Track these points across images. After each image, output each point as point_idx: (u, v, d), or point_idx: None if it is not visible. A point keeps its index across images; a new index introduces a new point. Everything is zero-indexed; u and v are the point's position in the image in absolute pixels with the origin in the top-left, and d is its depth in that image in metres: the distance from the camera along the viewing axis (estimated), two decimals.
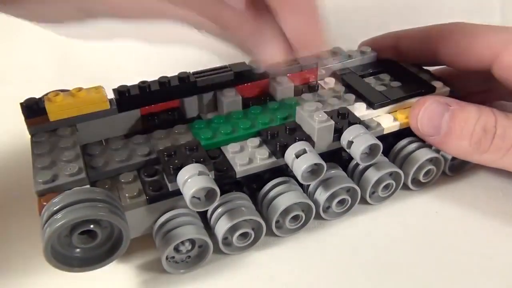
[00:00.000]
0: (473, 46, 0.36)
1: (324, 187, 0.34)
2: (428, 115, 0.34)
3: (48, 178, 0.28)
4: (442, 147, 0.35)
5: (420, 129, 0.35)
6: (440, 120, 0.34)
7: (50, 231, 0.25)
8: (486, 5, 0.64)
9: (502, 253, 0.33)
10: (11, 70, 0.57)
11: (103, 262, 0.28)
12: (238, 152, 0.33)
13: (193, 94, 0.36)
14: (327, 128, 0.33)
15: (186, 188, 0.28)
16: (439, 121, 0.34)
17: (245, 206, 0.32)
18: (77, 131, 0.33)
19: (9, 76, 0.56)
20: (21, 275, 0.32)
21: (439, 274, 0.32)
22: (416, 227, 0.35)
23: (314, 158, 0.31)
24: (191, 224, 0.31)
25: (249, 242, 0.33)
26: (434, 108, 0.34)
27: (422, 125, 0.34)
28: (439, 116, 0.34)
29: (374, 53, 0.42)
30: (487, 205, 0.37)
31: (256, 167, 0.32)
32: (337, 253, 0.33)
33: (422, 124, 0.34)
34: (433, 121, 0.34)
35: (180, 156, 0.31)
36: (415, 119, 0.35)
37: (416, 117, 0.35)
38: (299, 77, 0.39)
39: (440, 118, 0.34)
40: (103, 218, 0.26)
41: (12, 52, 0.61)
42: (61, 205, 0.26)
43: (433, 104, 0.34)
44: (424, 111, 0.34)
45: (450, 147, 0.34)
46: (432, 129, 0.34)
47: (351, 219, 0.36)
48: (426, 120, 0.34)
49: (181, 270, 0.31)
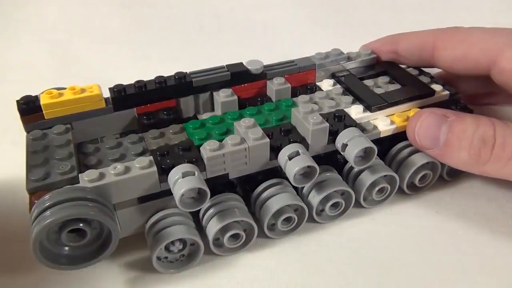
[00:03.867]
0: (470, 52, 0.36)
1: (318, 189, 0.33)
2: (425, 127, 0.33)
3: (40, 176, 0.28)
4: (441, 160, 0.34)
5: (418, 142, 0.34)
6: (438, 132, 0.33)
7: (39, 228, 0.25)
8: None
9: (502, 253, 0.33)
10: (10, 69, 0.58)
11: (91, 260, 0.28)
12: None
13: (189, 94, 0.36)
14: (322, 130, 0.33)
15: (176, 188, 0.28)
16: (437, 133, 0.33)
17: (238, 207, 0.32)
18: (72, 129, 0.33)
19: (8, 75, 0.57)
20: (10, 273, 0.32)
21: (439, 274, 0.31)
22: (416, 227, 0.35)
23: (306, 160, 0.31)
24: (182, 224, 0.31)
25: (240, 244, 0.32)
26: (431, 121, 0.33)
27: (420, 138, 0.34)
28: (437, 128, 0.33)
29: (373, 55, 0.42)
30: (486, 205, 0.36)
31: (249, 168, 0.32)
32: (336, 253, 0.33)
33: (420, 137, 0.34)
34: (431, 133, 0.33)
35: (172, 156, 0.31)
36: (412, 132, 0.34)
37: (413, 130, 0.34)
38: (296, 78, 0.39)
39: (438, 130, 0.33)
40: (92, 217, 0.26)
41: (11, 52, 0.62)
42: (50, 202, 0.26)
43: (430, 116, 0.33)
44: (421, 124, 0.34)
45: (450, 159, 0.33)
46: (430, 141, 0.33)
47: (350, 219, 0.35)
48: (423, 133, 0.34)
49: (171, 270, 0.31)
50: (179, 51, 0.61)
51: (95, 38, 0.65)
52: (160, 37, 0.65)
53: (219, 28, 0.67)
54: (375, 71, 0.41)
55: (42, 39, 0.63)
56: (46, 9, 0.70)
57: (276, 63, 0.39)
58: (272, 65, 0.39)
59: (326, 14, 0.68)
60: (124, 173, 0.28)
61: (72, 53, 0.61)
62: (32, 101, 0.33)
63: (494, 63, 0.34)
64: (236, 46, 0.63)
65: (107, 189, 0.28)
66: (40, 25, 0.67)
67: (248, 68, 0.37)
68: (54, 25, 0.67)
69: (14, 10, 0.69)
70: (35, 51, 0.61)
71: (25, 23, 0.67)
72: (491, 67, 0.35)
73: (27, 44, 0.63)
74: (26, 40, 0.64)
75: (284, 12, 0.70)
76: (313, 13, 0.68)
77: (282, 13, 0.70)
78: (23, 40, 0.64)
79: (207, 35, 0.65)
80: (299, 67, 0.39)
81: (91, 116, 0.34)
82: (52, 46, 0.62)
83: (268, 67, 0.39)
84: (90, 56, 0.60)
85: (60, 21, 0.68)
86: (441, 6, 0.65)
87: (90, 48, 0.62)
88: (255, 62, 0.38)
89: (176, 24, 0.68)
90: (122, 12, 0.70)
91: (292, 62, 0.40)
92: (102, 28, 0.66)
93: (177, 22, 0.68)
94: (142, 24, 0.68)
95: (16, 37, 0.64)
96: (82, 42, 0.63)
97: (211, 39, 0.64)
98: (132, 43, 0.64)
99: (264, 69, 0.38)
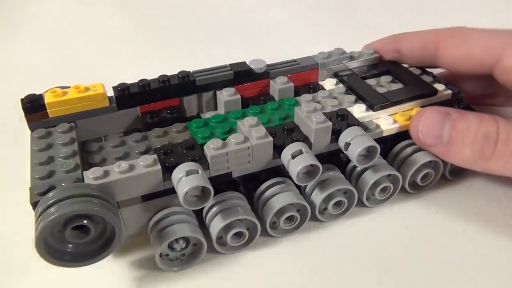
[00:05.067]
0: (473, 51, 0.36)
1: (321, 188, 0.34)
2: (428, 125, 0.34)
3: (44, 174, 0.28)
4: (445, 157, 0.34)
5: (422, 140, 0.34)
6: (441, 129, 0.33)
7: (43, 224, 0.25)
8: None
9: (502, 253, 0.33)
10: (10, 69, 0.58)
11: (95, 257, 0.28)
12: None
13: (193, 93, 0.37)
14: (325, 129, 0.33)
15: (180, 186, 0.28)
16: (440, 131, 0.33)
17: (240, 206, 0.32)
18: (76, 128, 0.33)
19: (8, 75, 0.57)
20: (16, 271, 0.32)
21: (439, 274, 0.31)
22: (416, 227, 0.35)
23: (309, 159, 0.31)
24: (185, 222, 0.31)
25: (243, 242, 0.33)
26: (434, 118, 0.33)
27: (423, 136, 0.34)
28: (440, 126, 0.33)
29: (376, 55, 0.42)
30: (486, 205, 0.36)
31: (252, 167, 0.32)
32: (336, 253, 0.33)
33: (423, 134, 0.34)
34: (434, 131, 0.33)
35: (176, 154, 0.31)
36: (415, 130, 0.34)
37: (416, 128, 0.34)
38: (299, 78, 0.39)
39: (441, 127, 0.33)
40: (96, 213, 0.26)
41: (12, 52, 0.62)
42: (55, 199, 0.26)
43: (433, 114, 0.34)
44: (424, 122, 0.34)
45: (453, 156, 0.34)
46: (433, 139, 0.34)
47: (350, 219, 0.35)
48: (426, 131, 0.34)
49: (174, 268, 0.31)
50: (179, 52, 0.62)
51: (96, 38, 0.65)
52: (161, 37, 0.65)
53: (221, 28, 0.67)
54: (378, 71, 0.41)
55: (42, 39, 0.64)
56: (47, 9, 0.70)
57: (279, 62, 0.39)
58: (275, 64, 0.39)
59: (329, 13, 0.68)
60: (128, 171, 0.29)
61: (72, 53, 0.61)
62: (37, 100, 0.33)
63: (497, 62, 0.35)
64: (238, 46, 0.63)
65: (111, 187, 0.28)
66: (40, 25, 0.67)
67: (251, 67, 0.38)
68: (54, 25, 0.67)
69: (15, 10, 0.70)
70: (35, 51, 0.62)
71: (25, 23, 0.67)
72: (495, 67, 0.35)
73: (27, 44, 0.63)
74: (26, 40, 0.64)
75: (286, 12, 0.70)
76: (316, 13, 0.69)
77: (284, 13, 0.70)
78: (23, 40, 0.64)
79: (208, 35, 0.66)
80: (302, 66, 0.39)
81: (95, 115, 0.34)
82: (52, 46, 0.62)
83: (271, 66, 0.39)
84: (90, 56, 0.60)
85: (61, 21, 0.68)
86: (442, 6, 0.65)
87: (90, 48, 0.62)
88: (258, 61, 0.38)
89: (177, 24, 0.68)
90: (122, 12, 0.70)
91: (295, 61, 0.40)
92: (102, 28, 0.67)
93: (178, 22, 0.69)
94: (143, 25, 0.68)
95: (17, 37, 0.65)
96: (82, 42, 0.64)
97: (212, 39, 0.65)
98: (133, 43, 0.64)
99: (267, 68, 0.38)
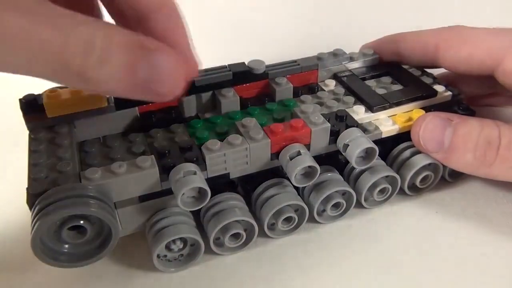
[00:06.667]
0: (475, 52, 0.36)
1: (319, 190, 0.33)
2: (430, 131, 0.34)
3: (41, 175, 0.28)
4: (447, 163, 0.34)
5: (423, 146, 0.34)
6: (442, 135, 0.33)
7: (39, 224, 0.25)
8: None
9: (502, 253, 0.33)
10: None
11: (92, 258, 0.28)
12: None
13: (192, 94, 0.36)
14: (323, 130, 0.33)
15: (177, 187, 0.28)
16: (442, 136, 0.33)
17: (238, 207, 0.32)
18: (74, 128, 0.33)
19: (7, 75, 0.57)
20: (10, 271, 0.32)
21: (439, 274, 0.31)
22: (416, 227, 0.35)
23: (307, 160, 0.31)
24: (183, 223, 0.31)
25: (241, 243, 0.32)
26: (435, 124, 0.33)
27: (424, 142, 0.34)
28: (441, 132, 0.33)
29: (376, 56, 0.42)
30: (486, 205, 0.36)
31: (250, 168, 0.32)
32: (336, 253, 0.33)
33: (424, 140, 0.34)
34: (436, 136, 0.33)
35: (173, 155, 0.31)
36: (417, 136, 0.34)
37: (418, 133, 0.34)
38: (298, 78, 0.39)
39: (442, 133, 0.33)
40: (92, 214, 0.26)
41: None
42: (51, 199, 0.26)
43: (434, 119, 0.34)
44: (425, 127, 0.34)
45: (455, 162, 0.33)
46: (435, 144, 0.33)
47: (349, 219, 0.35)
48: (428, 136, 0.34)
49: (172, 269, 0.31)
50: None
51: None
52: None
53: (220, 28, 0.67)
54: (378, 72, 0.41)
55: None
56: None
57: (278, 63, 0.39)
58: (274, 65, 0.39)
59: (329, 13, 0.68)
60: (126, 172, 0.29)
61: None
62: (35, 100, 0.33)
63: (499, 63, 0.34)
64: (237, 46, 0.62)
65: (108, 188, 0.28)
66: None
67: (250, 68, 0.37)
68: None
69: None
70: None
71: None
72: (496, 68, 0.35)
73: None
74: None
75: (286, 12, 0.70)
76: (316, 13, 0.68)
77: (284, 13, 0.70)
78: None
79: (207, 35, 0.65)
80: (301, 67, 0.39)
81: (93, 115, 0.34)
82: None
83: (270, 67, 0.39)
84: None
85: None
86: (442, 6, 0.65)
87: None
88: (257, 62, 0.38)
89: None
90: None
91: (295, 62, 0.40)
92: None
93: None
94: None
95: None
96: None
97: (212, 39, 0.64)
98: None
99: (266, 69, 0.38)
